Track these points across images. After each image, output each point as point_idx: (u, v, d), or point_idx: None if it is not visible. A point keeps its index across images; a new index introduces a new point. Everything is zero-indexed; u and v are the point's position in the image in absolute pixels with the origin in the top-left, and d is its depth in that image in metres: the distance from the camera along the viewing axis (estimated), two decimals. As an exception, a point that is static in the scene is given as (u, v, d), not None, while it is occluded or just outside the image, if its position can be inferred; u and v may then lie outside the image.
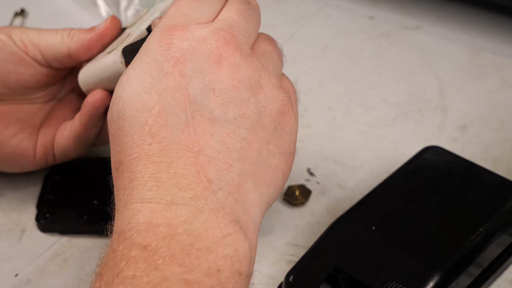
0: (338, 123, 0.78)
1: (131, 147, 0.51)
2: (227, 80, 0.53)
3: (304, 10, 0.94)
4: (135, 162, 0.51)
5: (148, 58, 0.53)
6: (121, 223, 0.50)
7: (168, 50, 0.53)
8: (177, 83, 0.52)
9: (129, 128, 0.52)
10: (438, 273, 0.57)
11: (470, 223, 0.61)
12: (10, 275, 0.65)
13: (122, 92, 0.53)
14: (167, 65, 0.53)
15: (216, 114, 0.52)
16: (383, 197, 0.64)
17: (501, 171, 0.69)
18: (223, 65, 0.53)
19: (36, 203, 0.69)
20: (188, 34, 0.54)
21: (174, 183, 0.49)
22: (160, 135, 0.51)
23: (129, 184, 0.51)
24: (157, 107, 0.52)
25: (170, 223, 0.48)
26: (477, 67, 0.85)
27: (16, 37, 0.66)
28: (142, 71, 0.53)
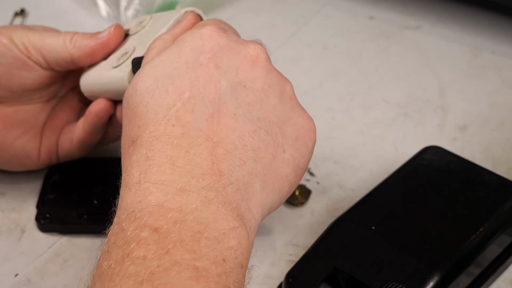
0: (338, 123, 0.78)
1: (153, 124, 0.52)
2: (258, 81, 0.55)
3: (304, 10, 0.94)
4: (155, 140, 0.51)
5: (186, 47, 0.55)
6: (131, 201, 0.50)
7: (207, 42, 0.55)
8: (211, 74, 0.54)
9: (155, 106, 0.53)
10: (438, 273, 0.57)
11: (470, 223, 0.61)
12: (10, 275, 0.65)
13: (154, 71, 0.54)
14: (204, 56, 0.54)
15: (241, 111, 0.53)
16: (383, 197, 0.64)
17: (501, 171, 0.69)
18: (258, 66, 0.55)
19: (36, 203, 0.69)
20: (226, 35, 0.56)
21: (189, 170, 0.50)
22: (185, 119, 0.52)
23: (145, 162, 0.51)
24: (187, 93, 0.53)
25: (181, 208, 0.48)
26: (477, 67, 0.85)
27: (17, 40, 0.66)
28: (178, 57, 0.54)
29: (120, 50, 0.66)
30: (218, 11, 0.93)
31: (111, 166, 0.71)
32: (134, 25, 0.68)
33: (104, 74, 0.66)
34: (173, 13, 0.65)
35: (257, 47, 0.56)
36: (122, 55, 0.65)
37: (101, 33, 0.66)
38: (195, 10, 0.65)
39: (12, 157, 0.69)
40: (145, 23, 0.67)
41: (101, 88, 0.66)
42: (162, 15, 0.67)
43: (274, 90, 0.55)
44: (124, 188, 0.51)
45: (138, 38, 0.66)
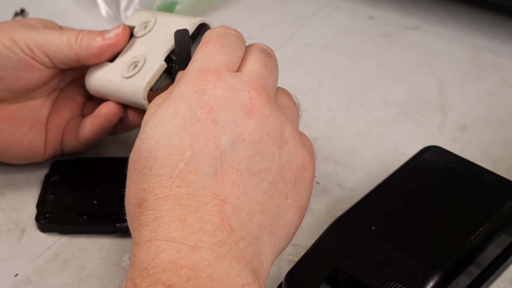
0: (338, 123, 0.78)
1: (158, 187, 0.52)
2: (256, 132, 0.54)
3: (304, 10, 0.94)
4: (161, 202, 0.51)
5: (181, 102, 0.54)
6: (144, 258, 0.50)
7: (202, 96, 0.54)
8: (210, 131, 0.53)
9: (158, 168, 0.52)
10: (438, 273, 0.57)
11: (470, 223, 0.61)
12: (10, 275, 0.65)
13: (154, 133, 0.54)
14: (201, 111, 0.53)
15: (243, 166, 0.53)
16: (383, 197, 0.64)
17: (501, 171, 0.69)
18: (254, 117, 0.54)
19: (36, 203, 0.69)
20: (221, 82, 0.54)
21: (200, 227, 0.50)
22: (189, 180, 0.52)
23: (154, 221, 0.51)
24: (188, 152, 0.52)
25: (195, 265, 0.49)
26: (477, 67, 0.85)
27: (21, 42, 0.65)
28: (175, 114, 0.54)
29: (128, 56, 0.66)
30: (218, 11, 0.93)
31: (111, 166, 0.72)
32: (139, 25, 0.68)
33: (114, 82, 0.66)
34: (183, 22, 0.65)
35: (252, 94, 0.54)
36: (132, 63, 0.65)
37: (108, 33, 0.66)
38: (206, 21, 0.65)
39: (19, 153, 0.70)
40: (151, 26, 0.67)
41: (111, 94, 0.67)
42: (169, 19, 0.66)
43: (272, 138, 0.55)
44: (136, 247, 0.51)
45: (147, 45, 0.66)
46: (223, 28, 0.58)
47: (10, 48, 0.65)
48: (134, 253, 0.51)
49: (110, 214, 0.67)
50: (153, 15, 0.67)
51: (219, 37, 0.57)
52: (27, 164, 0.72)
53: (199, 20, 0.65)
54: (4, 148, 0.69)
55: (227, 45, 0.57)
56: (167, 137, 0.53)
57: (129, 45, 0.67)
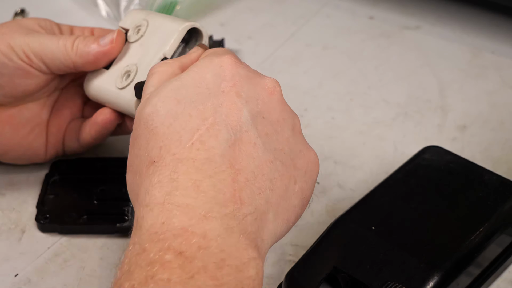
0: (338, 123, 0.78)
1: (177, 146, 0.52)
2: (275, 113, 0.56)
3: (304, 10, 0.94)
4: (179, 163, 0.52)
5: (207, 73, 0.55)
6: (154, 221, 0.50)
7: (228, 71, 0.55)
8: (234, 102, 0.54)
9: (179, 128, 0.53)
10: (438, 273, 0.57)
11: (470, 223, 0.61)
12: (10, 275, 0.65)
13: (176, 94, 0.54)
14: (226, 84, 0.55)
15: (260, 141, 0.54)
16: (383, 197, 0.64)
17: (501, 171, 0.69)
18: (274, 98, 0.56)
19: (36, 203, 0.69)
20: (244, 65, 0.57)
21: (213, 196, 0.51)
22: (209, 144, 0.52)
23: (169, 183, 0.51)
24: (211, 118, 0.53)
25: (206, 235, 0.49)
26: (477, 67, 0.85)
27: (17, 48, 0.65)
28: (200, 83, 0.55)
29: (122, 64, 0.66)
30: (218, 11, 0.93)
31: (111, 166, 0.72)
32: (132, 28, 0.67)
33: (110, 92, 0.66)
34: (173, 27, 0.65)
35: (272, 80, 0.57)
36: (125, 72, 0.65)
37: (103, 39, 0.66)
38: (197, 25, 0.65)
39: (20, 155, 0.70)
40: (143, 30, 0.66)
41: (107, 103, 0.67)
42: (160, 23, 0.66)
43: (287, 123, 0.56)
44: (145, 208, 0.51)
45: (139, 52, 0.66)
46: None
47: (7, 55, 0.65)
48: (142, 215, 0.51)
49: (110, 214, 0.68)
50: (145, 18, 0.67)
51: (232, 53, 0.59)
52: (27, 164, 0.72)
53: (189, 25, 0.65)
54: (5, 151, 0.69)
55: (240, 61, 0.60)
56: (190, 101, 0.54)
57: (124, 51, 0.67)
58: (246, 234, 0.51)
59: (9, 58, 0.65)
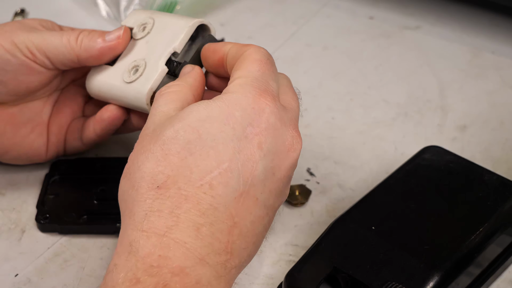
0: (338, 123, 0.78)
1: (185, 182, 0.52)
2: (284, 171, 0.56)
3: (304, 10, 0.94)
4: (184, 200, 0.52)
5: (236, 111, 0.54)
6: (150, 251, 0.50)
7: (258, 115, 0.54)
8: (253, 153, 0.54)
9: (193, 165, 0.53)
10: (438, 273, 0.57)
11: (470, 223, 0.61)
12: (10, 275, 0.65)
13: (200, 126, 0.54)
14: (251, 130, 0.54)
15: (262, 197, 0.54)
16: (383, 197, 0.64)
17: (501, 171, 0.69)
18: (290, 156, 0.56)
19: (36, 203, 0.69)
20: (276, 110, 0.55)
21: (210, 242, 0.52)
22: (217, 192, 0.52)
23: (171, 217, 0.51)
24: (226, 163, 0.53)
25: (199, 279, 0.50)
26: (477, 67, 0.85)
27: (21, 45, 0.65)
28: (227, 120, 0.54)
29: (128, 59, 0.66)
30: (218, 11, 0.93)
31: (111, 166, 0.72)
32: (137, 26, 0.67)
33: (116, 86, 0.66)
34: (183, 23, 0.65)
35: (295, 134, 0.56)
36: (132, 67, 0.65)
37: (109, 34, 0.66)
38: (205, 22, 0.65)
39: (21, 155, 0.70)
40: (149, 27, 0.66)
41: (112, 98, 0.67)
42: (167, 21, 0.66)
43: (288, 179, 0.57)
44: (142, 232, 0.51)
45: (146, 48, 0.66)
46: (267, 51, 0.59)
47: (10, 51, 0.65)
48: (136, 238, 0.51)
49: (110, 214, 0.68)
50: (151, 16, 0.67)
51: (269, 61, 0.58)
52: (27, 164, 0.72)
53: (198, 21, 0.65)
54: (6, 150, 0.69)
55: (275, 72, 0.59)
56: (212, 139, 0.53)
57: (129, 48, 0.67)
58: (228, 284, 0.52)
59: (13, 55, 0.65)
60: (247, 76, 0.56)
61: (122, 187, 0.55)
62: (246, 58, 0.58)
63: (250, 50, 0.58)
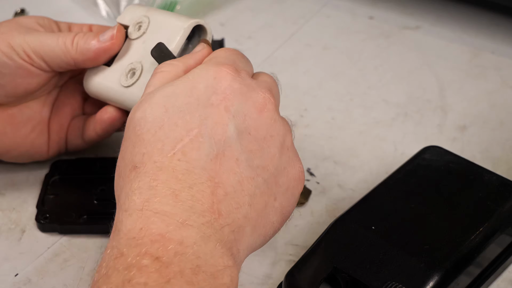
0: (338, 123, 0.78)
1: (159, 154, 0.53)
2: (262, 130, 0.56)
3: (304, 10, 0.94)
4: (159, 171, 0.52)
5: (199, 83, 0.56)
6: (132, 227, 0.51)
7: (220, 83, 0.56)
8: (220, 116, 0.55)
9: (163, 137, 0.54)
10: (438, 273, 0.57)
11: (470, 223, 0.61)
12: (10, 275, 0.65)
13: (165, 101, 0.55)
14: (216, 97, 0.55)
15: (243, 157, 0.54)
16: (383, 197, 0.64)
17: (501, 171, 0.69)
18: (264, 116, 0.56)
19: (36, 203, 0.69)
20: (240, 78, 0.57)
21: (191, 205, 0.52)
22: (190, 156, 0.53)
23: (148, 190, 0.52)
24: (196, 130, 0.54)
25: (182, 241, 0.50)
26: (477, 67, 0.85)
27: (18, 47, 0.65)
28: (191, 92, 0.55)
29: (125, 61, 0.66)
30: (218, 11, 0.93)
31: (111, 166, 0.71)
32: (132, 25, 0.67)
33: (114, 90, 0.66)
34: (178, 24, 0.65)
35: (266, 95, 0.57)
36: (129, 70, 0.65)
37: (103, 35, 0.66)
38: (201, 22, 0.65)
39: (22, 153, 0.70)
40: (145, 27, 0.66)
41: (111, 101, 0.67)
42: (162, 20, 0.66)
43: (275, 140, 0.57)
44: (124, 213, 0.52)
45: (142, 50, 0.65)
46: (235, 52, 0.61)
47: (7, 54, 0.65)
48: (120, 218, 0.52)
49: (110, 214, 0.67)
50: (146, 14, 0.67)
51: (238, 51, 0.60)
52: (27, 164, 0.72)
53: (194, 22, 0.65)
54: (7, 150, 0.69)
55: (245, 60, 0.60)
56: (178, 110, 0.54)
57: (125, 48, 0.67)
58: (223, 243, 0.52)
59: (10, 58, 0.65)
60: (211, 57, 0.59)
61: (115, 182, 0.56)
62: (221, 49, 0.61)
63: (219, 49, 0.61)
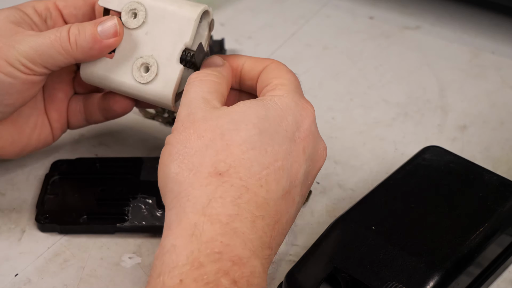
0: (338, 123, 0.78)
1: (246, 174, 0.54)
2: (313, 177, 0.59)
3: (304, 10, 0.94)
4: (245, 191, 0.54)
5: (288, 115, 0.57)
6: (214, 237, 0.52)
7: (303, 122, 0.58)
8: (299, 156, 0.57)
9: (252, 159, 0.55)
10: (438, 273, 0.57)
11: (470, 223, 0.61)
12: (10, 275, 0.65)
13: (260, 123, 0.56)
14: (299, 135, 0.57)
15: (297, 199, 0.57)
16: (383, 197, 0.64)
17: (501, 171, 0.69)
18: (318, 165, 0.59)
19: (36, 203, 0.69)
20: (314, 119, 0.59)
21: (261, 235, 0.54)
22: (270, 186, 0.55)
23: (232, 206, 0.53)
24: (280, 162, 0.56)
25: (253, 271, 0.52)
26: (477, 67, 0.85)
27: (16, 63, 0.63)
28: (281, 122, 0.57)
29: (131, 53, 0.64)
30: (218, 11, 0.93)
31: (111, 166, 0.72)
32: (125, 12, 0.64)
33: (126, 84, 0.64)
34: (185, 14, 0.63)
35: (325, 145, 0.60)
36: (141, 64, 0.63)
37: (103, 29, 0.63)
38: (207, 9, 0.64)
39: (32, 149, 0.69)
40: (142, 15, 0.64)
41: (121, 92, 0.65)
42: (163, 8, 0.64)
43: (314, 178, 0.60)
44: (203, 217, 0.52)
45: (150, 42, 0.64)
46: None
47: (10, 74, 0.63)
48: (199, 222, 0.52)
49: (110, 214, 0.68)
50: (138, 1, 0.64)
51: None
52: (27, 164, 0.72)
53: (201, 10, 0.63)
54: (18, 153, 0.68)
55: None
56: (270, 137, 0.56)
57: (126, 39, 0.65)
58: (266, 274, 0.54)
59: (13, 77, 0.63)
60: (288, 83, 0.60)
61: (170, 170, 0.55)
62: (280, 68, 0.62)
63: (277, 62, 0.63)
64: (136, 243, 0.67)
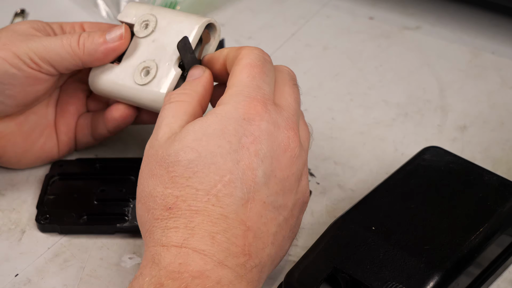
0: (338, 123, 0.78)
1: (193, 199, 0.55)
2: (285, 170, 0.58)
3: (304, 10, 0.94)
4: (195, 214, 0.55)
5: (229, 125, 0.57)
6: (171, 261, 0.53)
7: (249, 125, 0.57)
8: (250, 161, 0.56)
9: (196, 183, 0.55)
10: (438, 273, 0.57)
11: (470, 223, 0.61)
12: (10, 275, 0.65)
13: (197, 146, 0.56)
14: (246, 140, 0.56)
15: (270, 200, 0.57)
16: (383, 197, 0.64)
17: (501, 171, 0.69)
18: (287, 156, 0.58)
19: (36, 203, 0.69)
20: (267, 115, 0.57)
21: (226, 247, 0.54)
22: (224, 202, 0.55)
23: (186, 230, 0.54)
24: (228, 176, 0.55)
25: (220, 280, 0.53)
26: (477, 67, 0.85)
27: (24, 56, 0.65)
28: (222, 136, 0.56)
29: (136, 59, 0.66)
30: (218, 11, 0.93)
31: (111, 166, 0.72)
32: (138, 23, 0.67)
33: (127, 87, 0.66)
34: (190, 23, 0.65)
35: (290, 133, 0.58)
36: (142, 68, 0.65)
37: (110, 34, 0.66)
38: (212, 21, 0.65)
39: (34, 159, 0.71)
40: (153, 25, 0.66)
41: (123, 98, 0.67)
42: (172, 18, 0.66)
43: (295, 177, 0.58)
44: (161, 247, 0.54)
45: (154, 48, 0.66)
46: (260, 51, 0.61)
47: (15, 65, 0.65)
48: (158, 252, 0.54)
49: (110, 214, 0.68)
50: (151, 13, 0.67)
51: (260, 62, 0.60)
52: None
53: (206, 20, 0.65)
54: (19, 159, 0.70)
55: (268, 73, 0.60)
56: (211, 155, 0.56)
57: (133, 47, 0.67)
58: (251, 282, 0.55)
59: (18, 68, 0.65)
60: (237, 84, 0.59)
61: (139, 211, 0.58)
62: (237, 63, 0.60)
63: (242, 53, 0.60)
64: (136, 243, 0.67)
